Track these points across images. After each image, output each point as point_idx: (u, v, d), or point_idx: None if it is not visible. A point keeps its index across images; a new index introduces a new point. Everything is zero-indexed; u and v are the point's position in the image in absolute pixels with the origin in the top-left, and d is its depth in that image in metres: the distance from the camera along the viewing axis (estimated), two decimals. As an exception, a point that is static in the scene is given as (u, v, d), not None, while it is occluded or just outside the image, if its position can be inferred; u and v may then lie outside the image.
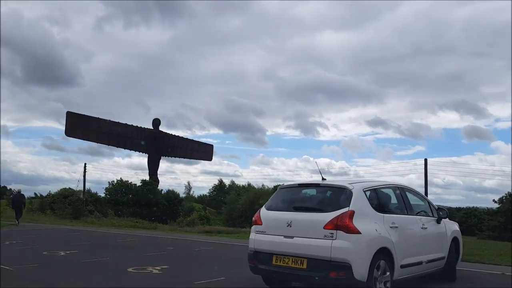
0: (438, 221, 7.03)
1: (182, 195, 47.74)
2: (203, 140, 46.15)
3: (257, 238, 6.03)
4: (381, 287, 5.48)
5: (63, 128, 30.24)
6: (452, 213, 61.44)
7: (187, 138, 36.98)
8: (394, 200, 6.49)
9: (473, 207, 54.96)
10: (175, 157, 36.25)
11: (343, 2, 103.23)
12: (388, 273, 5.59)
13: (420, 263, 6.33)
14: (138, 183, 31.84)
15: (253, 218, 6.26)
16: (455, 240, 7.44)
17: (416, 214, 6.75)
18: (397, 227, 5.88)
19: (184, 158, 37.12)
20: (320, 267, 5.31)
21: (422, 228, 6.53)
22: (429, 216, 6.95)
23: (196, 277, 7.04)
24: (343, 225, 5.30)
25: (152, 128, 33.50)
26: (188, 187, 68.37)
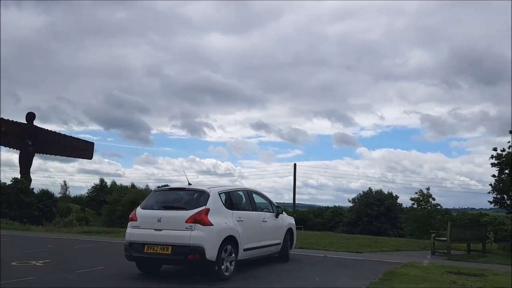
0: (277, 216, 9.26)
1: (57, 195, 45.34)
2: (81, 136, 44.41)
3: (132, 232, 7.48)
4: (227, 265, 7.35)
5: None
6: (322, 211, 68.49)
7: (65, 135, 35.49)
8: (242, 200, 8.51)
9: (339, 206, 62.43)
10: (51, 154, 34.74)
11: (231, 6, 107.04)
12: (233, 255, 7.51)
13: (260, 247, 8.43)
14: (6, 181, 29.94)
15: (130, 216, 7.72)
16: (289, 230, 9.79)
17: (261, 211, 8.90)
18: (242, 220, 7.86)
19: (61, 155, 35.73)
20: (181, 252, 6.97)
21: (263, 221, 8.66)
22: (270, 212, 9.15)
23: (77, 267, 8.18)
24: (200, 220, 7.06)
25: (25, 122, 31.75)
26: (65, 187, 64.63)
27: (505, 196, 12.62)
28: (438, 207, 26.62)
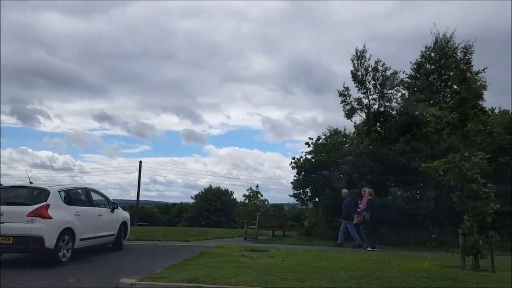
0: (112, 211, 10.85)
1: None
2: None
3: (-27, 225, 8.27)
4: (64, 252, 8.70)
5: None
6: (168, 208, 69.70)
7: None
8: (80, 197, 9.89)
9: (186, 202, 64.97)
10: None
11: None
12: (70, 244, 8.90)
13: (95, 237, 9.93)
14: None
15: (-29, 212, 8.45)
16: (124, 223, 11.45)
17: (98, 206, 10.38)
18: (80, 214, 9.28)
19: None
20: (22, 242, 8.11)
21: (99, 215, 10.18)
22: (106, 207, 10.70)
23: None
24: (41, 214, 8.30)
25: None
26: None
27: (301, 192, 16.48)
28: (266, 202, 31.02)
